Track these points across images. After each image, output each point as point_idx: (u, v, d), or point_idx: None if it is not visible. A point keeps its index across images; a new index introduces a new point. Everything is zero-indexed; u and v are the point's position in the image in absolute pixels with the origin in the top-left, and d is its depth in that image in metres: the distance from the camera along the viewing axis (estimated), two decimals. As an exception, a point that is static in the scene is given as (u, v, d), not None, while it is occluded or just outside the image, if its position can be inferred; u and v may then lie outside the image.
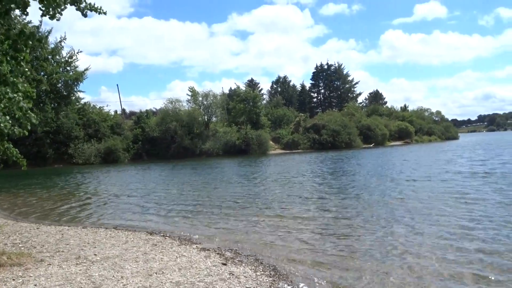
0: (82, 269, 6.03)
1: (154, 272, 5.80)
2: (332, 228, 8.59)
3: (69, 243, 7.87)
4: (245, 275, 5.80)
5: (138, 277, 5.59)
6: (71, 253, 7.09)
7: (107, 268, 6.06)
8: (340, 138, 55.19)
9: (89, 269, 6.02)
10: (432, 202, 10.80)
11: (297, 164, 29.83)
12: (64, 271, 5.91)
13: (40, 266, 6.22)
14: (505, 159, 23.33)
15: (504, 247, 6.71)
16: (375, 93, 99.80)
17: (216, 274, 5.76)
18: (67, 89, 44.28)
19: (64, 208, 13.53)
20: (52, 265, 6.26)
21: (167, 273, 5.78)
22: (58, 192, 18.02)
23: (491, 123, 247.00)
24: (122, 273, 5.80)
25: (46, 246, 7.68)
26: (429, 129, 78.95)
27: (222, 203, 12.62)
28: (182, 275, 5.70)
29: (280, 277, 5.84)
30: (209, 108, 54.08)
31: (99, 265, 6.21)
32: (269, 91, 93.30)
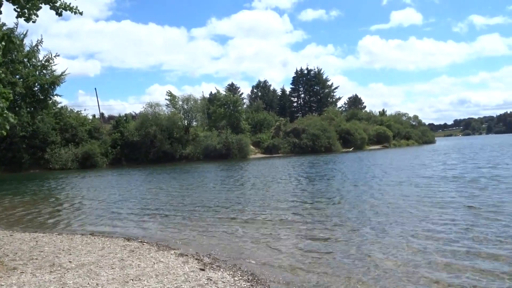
0: (56, 277, 5.90)
1: (130, 279, 5.72)
2: (309, 233, 8.61)
3: (43, 251, 7.70)
4: (223, 280, 5.78)
5: (114, 284, 5.50)
6: (45, 260, 6.93)
7: (82, 275, 5.94)
8: (320, 142, 55.61)
9: (63, 276, 5.90)
10: (402, 207, 10.89)
11: (277, 168, 29.91)
12: (37, 279, 5.77)
13: (13, 274, 6.06)
14: (476, 163, 23.84)
15: (464, 249, 6.89)
16: (354, 98, 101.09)
17: (194, 280, 5.72)
18: (44, 93, 43.35)
19: (39, 214, 13.22)
20: (25, 273, 6.10)
21: (144, 279, 5.70)
22: (34, 198, 17.62)
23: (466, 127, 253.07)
24: (98, 280, 5.69)
25: (19, 253, 7.49)
26: (406, 133, 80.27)
27: (201, 208, 12.55)
28: (159, 281, 5.64)
29: (258, 281, 5.84)
30: (189, 112, 53.81)
31: (74, 273, 6.09)
32: (249, 95, 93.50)
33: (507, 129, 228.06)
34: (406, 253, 6.90)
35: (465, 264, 6.19)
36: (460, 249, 6.89)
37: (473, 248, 6.94)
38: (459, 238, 7.53)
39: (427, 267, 6.18)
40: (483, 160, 26.40)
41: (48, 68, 43.75)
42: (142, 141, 47.71)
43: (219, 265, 6.66)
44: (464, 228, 8.21)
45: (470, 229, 8.08)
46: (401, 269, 6.16)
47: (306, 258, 6.90)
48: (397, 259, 6.60)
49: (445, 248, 6.99)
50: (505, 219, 8.78)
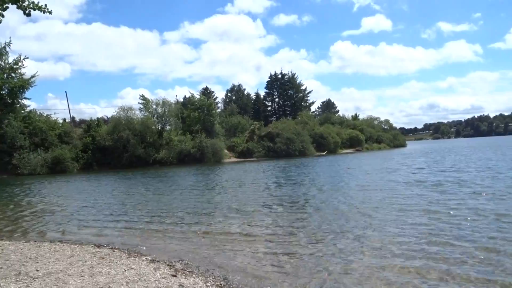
0: (22, 286, 5.73)
1: (100, 287, 5.62)
2: (279, 238, 8.62)
3: (9, 259, 7.46)
4: (196, 286, 5.76)
5: (82, 293, 5.39)
6: (10, 269, 6.72)
7: (50, 284, 5.80)
8: (294, 146, 56.04)
9: (29, 286, 5.74)
10: (363, 211, 11.00)
11: (250, 173, 29.96)
12: (2, 289, 5.60)
13: (-24, 284, 5.86)
14: (441, 167, 24.38)
15: (421, 253, 7.04)
16: (327, 102, 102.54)
17: (165, 287, 5.68)
18: (12, 97, 42.13)
19: (5, 221, 12.79)
20: (-11, 283, 5.91)
21: (114, 287, 5.61)
22: (-1, 205, 17.04)
23: (436, 131, 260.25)
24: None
25: (-17, 263, 7.23)
26: (378, 137, 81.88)
27: (173, 214, 12.44)
28: (129, 288, 5.56)
29: (231, 287, 5.85)
30: (163, 116, 53.21)
31: (41, 281, 5.93)
32: (223, 99, 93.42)
33: (475, 133, 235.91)
34: (366, 256, 7.05)
35: (423, 267, 6.34)
36: (416, 254, 7.01)
37: (430, 251, 7.10)
38: (418, 242, 7.66)
39: (384, 270, 6.30)
40: (448, 164, 27.09)
41: (17, 71, 42.58)
42: (115, 146, 46.87)
43: (191, 271, 6.62)
44: (423, 232, 8.35)
45: (428, 233, 8.23)
46: (361, 271, 6.30)
47: (278, 263, 6.94)
48: (361, 262, 6.73)
49: (404, 252, 7.14)
50: (462, 221, 9.01)
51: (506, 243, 7.20)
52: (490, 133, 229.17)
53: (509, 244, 7.14)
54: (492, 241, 7.37)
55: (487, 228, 8.33)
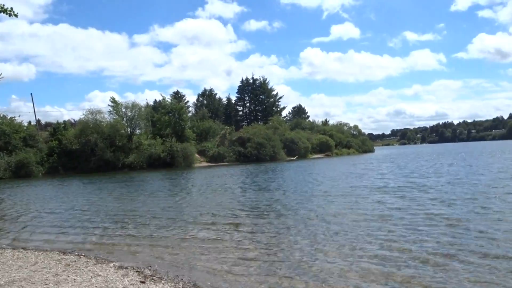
0: (-18, 295, 5.54)
1: (65, 295, 5.49)
2: (247, 244, 8.61)
3: (-32, 268, 7.18)
4: (164, 292, 5.70)
5: (47, 301, 5.25)
6: (-30, 278, 6.47)
7: (12, 292, 5.62)
8: (265, 151, 56.26)
9: (-9, 295, 5.55)
10: (327, 217, 10.96)
11: (219, 177, 29.91)
12: (-39, 299, 5.39)
13: None
14: (404, 172, 24.97)
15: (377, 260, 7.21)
16: (298, 108, 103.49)
17: (133, 293, 5.60)
18: (-27, 98, 40.55)
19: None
20: None
21: (80, 294, 5.50)
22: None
23: (403, 137, 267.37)
24: (29, 297, 5.41)
25: None
26: (347, 142, 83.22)
27: (141, 219, 12.28)
28: (96, 296, 5.46)
29: (201, 292, 5.83)
30: (133, 120, 52.41)
31: (3, 290, 5.75)
32: (194, 103, 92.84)
33: (440, 139, 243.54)
34: (321, 260, 7.17)
35: (378, 270, 6.48)
36: (369, 257, 7.15)
37: (384, 255, 7.24)
38: (372, 247, 7.78)
39: (341, 275, 6.41)
40: (410, 170, 27.82)
41: (-21, 72, 41.00)
42: (82, 150, 45.80)
43: (160, 276, 6.56)
44: (377, 237, 8.48)
45: (383, 238, 8.32)
46: (316, 274, 6.41)
47: (247, 267, 6.97)
48: (323, 266, 6.82)
49: (360, 256, 7.26)
50: (417, 227, 9.17)
51: (456, 248, 7.36)
52: (454, 139, 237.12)
53: (458, 248, 7.31)
54: (444, 247, 7.49)
55: (440, 233, 8.45)
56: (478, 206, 11.30)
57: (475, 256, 6.82)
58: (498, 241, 7.61)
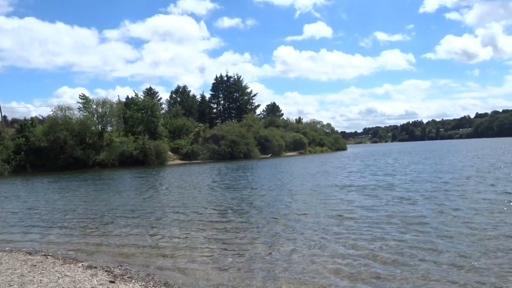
0: None
1: (30, 296, 5.31)
2: (219, 240, 8.62)
3: None
4: (134, 291, 5.60)
5: (11, 303, 5.07)
6: None
7: (-26, 295, 5.40)
8: (239, 149, 56.22)
9: (-50, 298, 5.31)
10: (293, 216, 10.93)
11: (192, 175, 29.72)
12: None
13: None
14: (372, 171, 25.37)
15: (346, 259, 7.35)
16: (272, 105, 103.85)
17: (102, 293, 5.47)
18: None
19: None
20: None
21: (46, 296, 5.33)
22: None
23: (374, 135, 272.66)
24: (-8, 299, 5.21)
25: None
26: (321, 140, 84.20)
27: (111, 218, 12.07)
28: (63, 297, 5.30)
29: (172, 291, 5.76)
30: (104, 116, 51.37)
31: (-36, 293, 5.52)
32: (168, 100, 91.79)
33: (410, 137, 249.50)
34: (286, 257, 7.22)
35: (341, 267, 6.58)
36: (332, 255, 7.25)
37: (345, 252, 7.35)
38: (334, 245, 7.84)
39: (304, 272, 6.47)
40: (378, 167, 28.41)
41: None
42: (50, 147, 44.59)
43: (130, 276, 6.45)
44: (341, 236, 8.47)
45: (347, 237, 8.32)
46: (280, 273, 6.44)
47: (218, 265, 6.93)
48: (289, 263, 6.87)
49: (323, 255, 7.29)
50: (379, 224, 9.27)
51: (413, 246, 7.42)
52: (423, 137, 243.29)
53: (415, 246, 7.39)
54: (403, 244, 7.52)
55: (400, 231, 8.51)
56: (438, 204, 11.47)
57: (433, 254, 6.91)
58: (454, 239, 7.69)
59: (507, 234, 7.88)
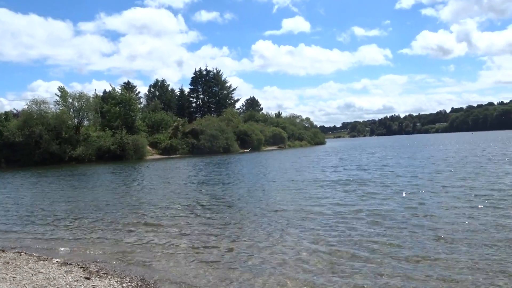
0: None
1: (3, 294, 5.25)
2: (194, 237, 8.59)
3: None
4: (110, 288, 5.60)
5: (-18, 301, 5.01)
6: None
7: None
8: (218, 143, 56.11)
9: None
10: (266, 212, 10.91)
11: (170, 170, 29.68)
12: None
13: None
14: (348, 165, 25.60)
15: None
16: (251, 100, 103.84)
17: (76, 290, 5.45)
18: None
19: None
20: None
21: (19, 293, 5.28)
22: None
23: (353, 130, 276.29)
24: (-37, 298, 5.13)
25: None
26: (300, 135, 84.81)
27: (86, 214, 11.96)
28: (37, 294, 5.26)
29: (148, 287, 5.77)
30: (81, 110, 50.43)
31: None
32: (146, 94, 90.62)
33: (387, 131, 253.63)
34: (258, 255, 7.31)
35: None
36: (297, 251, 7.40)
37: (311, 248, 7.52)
38: (300, 240, 7.91)
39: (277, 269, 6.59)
40: (352, 161, 29.01)
41: None
42: (25, 142, 43.56)
43: (106, 272, 6.43)
44: (310, 232, 8.64)
45: (315, 233, 8.36)
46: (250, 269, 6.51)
47: (194, 261, 6.95)
48: (261, 259, 6.97)
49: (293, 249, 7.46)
50: (345, 220, 9.34)
51: (375, 240, 7.51)
52: (401, 132, 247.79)
53: (377, 240, 7.53)
54: (371, 240, 7.57)
55: (368, 227, 8.53)
56: (409, 200, 11.51)
57: (395, 249, 7.00)
58: (418, 236, 7.76)
59: (471, 229, 8.15)
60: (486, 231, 7.76)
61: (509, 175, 15.87)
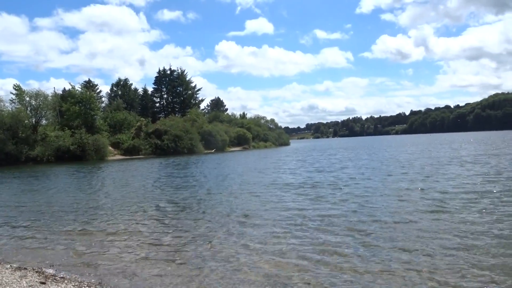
0: None
1: (-48, 301, 5.10)
2: (154, 240, 8.55)
3: None
4: (66, 292, 5.54)
5: None
6: None
7: None
8: (182, 144, 55.64)
9: None
10: (216, 218, 10.79)
11: (130, 171, 29.30)
12: None
13: None
14: (305, 165, 26.38)
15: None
16: (216, 100, 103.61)
17: (31, 295, 5.36)
18: None
19: None
20: None
21: (-30, 300, 5.15)
22: None
23: (316, 131, 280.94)
24: None
25: None
26: (264, 135, 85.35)
27: (42, 216, 11.72)
28: (-11, 300, 5.15)
29: (106, 290, 5.76)
30: (38, 109, 48.68)
31: None
32: (108, 94, 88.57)
33: (350, 133, 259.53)
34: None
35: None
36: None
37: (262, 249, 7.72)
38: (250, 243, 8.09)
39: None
40: (311, 163, 29.50)
41: None
42: (-21, 141, 41.64)
43: (63, 276, 6.36)
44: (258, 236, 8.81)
45: (263, 236, 8.43)
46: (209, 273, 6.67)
47: (153, 264, 6.98)
48: (218, 264, 7.07)
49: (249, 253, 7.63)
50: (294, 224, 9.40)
51: (317, 244, 7.66)
52: (362, 133, 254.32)
53: (319, 244, 7.76)
54: (318, 244, 7.67)
55: (316, 231, 8.59)
56: (358, 204, 11.47)
57: (336, 254, 7.04)
58: (361, 235, 8.08)
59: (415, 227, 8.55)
60: (425, 235, 8.11)
61: (455, 178, 16.55)
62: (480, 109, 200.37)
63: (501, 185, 13.55)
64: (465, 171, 18.41)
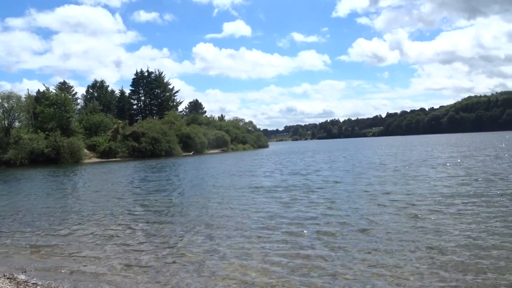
0: None
1: None
2: (127, 245, 8.48)
3: None
4: (38, 298, 5.54)
5: None
6: None
7: None
8: (160, 146, 55.26)
9: None
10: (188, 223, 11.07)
11: (108, 174, 28.90)
12: None
13: None
14: (280, 167, 26.58)
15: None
16: (195, 103, 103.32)
17: (2, 302, 5.35)
18: None
19: None
20: None
21: None
22: None
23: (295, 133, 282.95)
24: None
25: None
26: (243, 138, 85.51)
27: (13, 221, 11.55)
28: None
29: (78, 295, 5.77)
30: (11, 111, 47.57)
31: None
32: (84, 95, 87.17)
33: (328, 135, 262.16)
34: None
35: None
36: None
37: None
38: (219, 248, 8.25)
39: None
40: (286, 166, 29.73)
41: None
42: None
43: (35, 282, 6.32)
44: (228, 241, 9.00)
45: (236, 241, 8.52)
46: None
47: (129, 268, 6.98)
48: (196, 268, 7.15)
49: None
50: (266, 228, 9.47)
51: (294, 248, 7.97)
52: (340, 135, 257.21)
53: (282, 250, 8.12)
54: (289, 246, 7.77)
55: (284, 234, 8.62)
56: (329, 207, 11.49)
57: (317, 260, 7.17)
58: (329, 238, 8.21)
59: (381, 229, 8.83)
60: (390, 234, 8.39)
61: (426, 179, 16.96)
62: (454, 111, 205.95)
63: (472, 187, 13.90)
64: (437, 173, 18.94)
